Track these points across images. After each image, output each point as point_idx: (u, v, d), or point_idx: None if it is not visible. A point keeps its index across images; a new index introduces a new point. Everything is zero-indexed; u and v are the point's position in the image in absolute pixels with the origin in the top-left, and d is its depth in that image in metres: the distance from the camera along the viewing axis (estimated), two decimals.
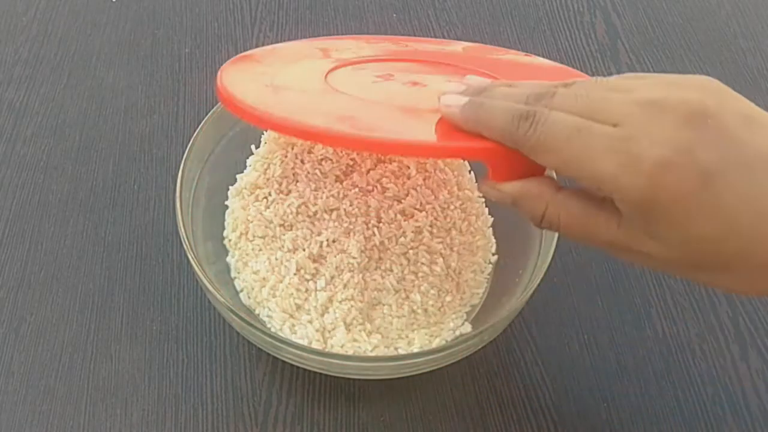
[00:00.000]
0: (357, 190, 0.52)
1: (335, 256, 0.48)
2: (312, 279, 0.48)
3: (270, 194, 0.51)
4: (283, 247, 0.49)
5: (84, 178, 0.58)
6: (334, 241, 0.49)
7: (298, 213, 0.50)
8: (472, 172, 0.55)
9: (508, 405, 0.49)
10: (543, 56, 0.68)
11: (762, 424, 0.48)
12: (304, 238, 0.49)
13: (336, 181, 0.52)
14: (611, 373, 0.50)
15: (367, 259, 0.48)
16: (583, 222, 0.33)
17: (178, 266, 0.54)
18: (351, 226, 0.50)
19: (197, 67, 0.66)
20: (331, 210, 0.50)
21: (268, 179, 0.52)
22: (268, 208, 0.51)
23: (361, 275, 0.48)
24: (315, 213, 0.50)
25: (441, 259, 0.49)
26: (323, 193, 0.51)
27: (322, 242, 0.49)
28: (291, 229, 0.50)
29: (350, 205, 0.50)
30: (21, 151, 0.59)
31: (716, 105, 0.30)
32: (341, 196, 0.51)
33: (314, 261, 0.48)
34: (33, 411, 0.47)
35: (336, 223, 0.50)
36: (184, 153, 0.47)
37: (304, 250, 0.48)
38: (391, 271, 0.49)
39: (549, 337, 0.52)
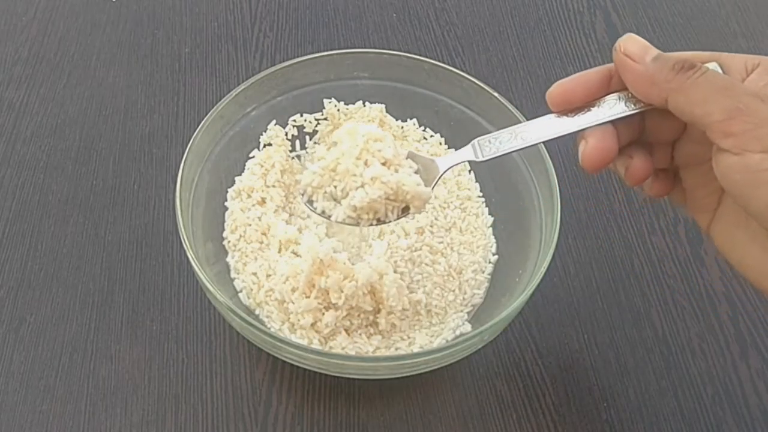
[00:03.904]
0: None
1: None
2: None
3: (269, 197, 0.51)
4: (282, 248, 0.49)
5: (84, 178, 0.58)
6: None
7: (297, 215, 0.50)
8: (472, 172, 0.55)
9: (508, 405, 0.49)
10: (543, 56, 0.69)
11: (762, 424, 0.48)
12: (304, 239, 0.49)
13: None
14: (611, 373, 0.50)
15: None
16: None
17: (178, 266, 0.54)
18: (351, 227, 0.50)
19: (197, 67, 0.66)
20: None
21: (266, 182, 0.52)
22: (266, 211, 0.50)
23: None
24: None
25: (443, 259, 0.49)
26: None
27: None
28: (290, 231, 0.50)
29: None
30: (21, 151, 0.59)
31: None
32: None
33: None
34: (33, 411, 0.47)
35: (336, 224, 0.50)
36: (184, 153, 0.47)
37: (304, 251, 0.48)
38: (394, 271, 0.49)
39: (549, 337, 0.52)
